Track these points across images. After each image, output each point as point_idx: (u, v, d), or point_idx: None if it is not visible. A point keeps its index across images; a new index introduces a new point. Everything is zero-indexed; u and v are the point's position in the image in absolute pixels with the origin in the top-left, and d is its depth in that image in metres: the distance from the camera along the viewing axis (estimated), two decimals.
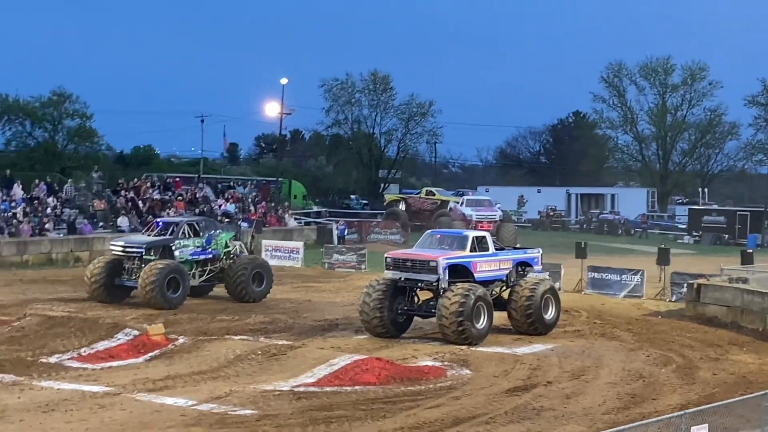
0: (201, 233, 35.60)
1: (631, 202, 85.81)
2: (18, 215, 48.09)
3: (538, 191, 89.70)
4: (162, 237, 35.01)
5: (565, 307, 31.69)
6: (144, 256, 33.92)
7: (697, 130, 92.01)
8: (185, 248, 34.95)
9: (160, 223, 36.51)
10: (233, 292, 35.52)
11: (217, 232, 36.37)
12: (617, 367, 24.64)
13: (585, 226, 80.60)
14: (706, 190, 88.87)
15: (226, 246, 36.11)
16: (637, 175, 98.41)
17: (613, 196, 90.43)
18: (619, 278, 38.22)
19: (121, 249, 34.58)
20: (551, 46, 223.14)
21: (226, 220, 52.61)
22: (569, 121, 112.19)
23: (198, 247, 35.34)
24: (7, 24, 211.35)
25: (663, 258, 38.25)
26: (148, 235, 35.58)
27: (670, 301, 36.30)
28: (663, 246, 40.96)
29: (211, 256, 35.65)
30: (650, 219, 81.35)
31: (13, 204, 49.24)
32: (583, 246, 39.80)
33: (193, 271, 35.12)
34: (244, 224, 50.02)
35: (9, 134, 73.69)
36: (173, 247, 34.66)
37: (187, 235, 35.17)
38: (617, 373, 24.03)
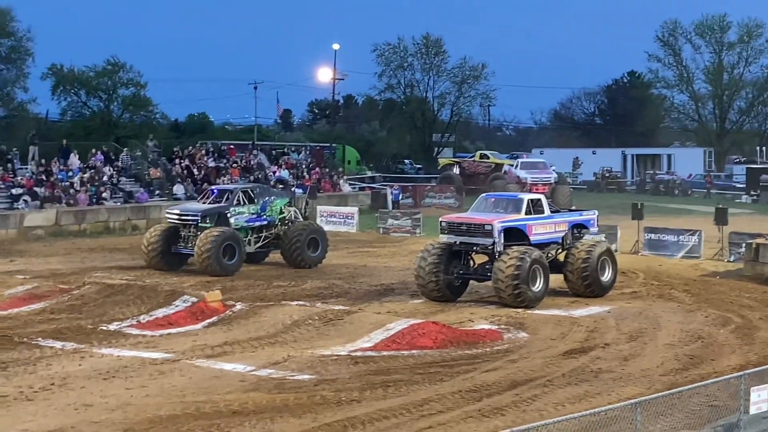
0: (256, 200, 35.74)
1: (688, 162, 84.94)
2: (75, 185, 48.63)
3: (594, 153, 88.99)
4: (217, 204, 35.18)
5: (621, 269, 31.50)
6: (200, 224, 34.11)
7: (754, 87, 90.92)
8: (240, 215, 35.12)
9: (215, 191, 36.72)
10: (289, 258, 35.65)
11: (272, 198, 36.51)
12: (675, 329, 24.46)
13: (641, 187, 79.93)
14: (764, 148, 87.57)
15: (281, 212, 36.23)
16: (693, 134, 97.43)
17: (669, 156, 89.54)
18: (676, 239, 37.89)
19: (176, 217, 34.80)
20: (605, 5, 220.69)
21: (281, 186, 52.85)
22: (624, 82, 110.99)
23: (253, 213, 35.49)
24: None
25: (721, 218, 37.84)
26: (203, 203, 35.83)
27: (728, 261, 35.91)
28: (720, 205, 40.53)
29: (266, 222, 35.80)
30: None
31: (70, 174, 49.80)
32: (639, 207, 39.43)
33: (249, 237, 35.29)
34: (299, 190, 50.21)
35: (64, 104, 74.51)
36: (228, 215, 34.84)
37: (242, 203, 35.33)
38: (675, 334, 23.85)
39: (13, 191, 46.37)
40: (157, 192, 52.33)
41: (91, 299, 27.17)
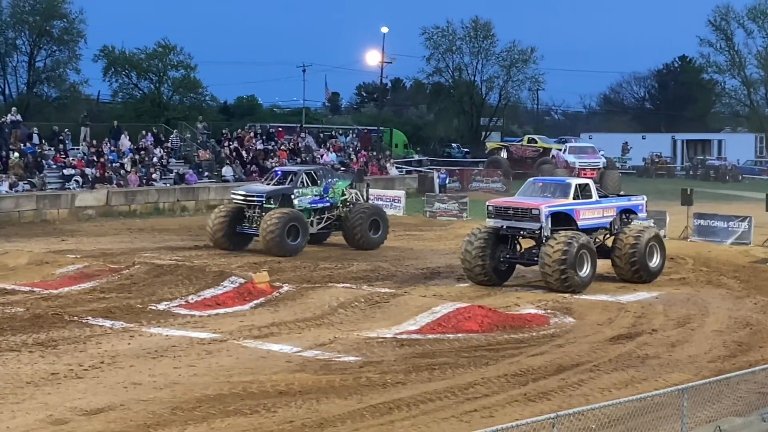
0: (319, 182, 36.31)
1: (739, 147, 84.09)
2: (126, 166, 49.05)
3: (643, 137, 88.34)
4: (281, 186, 35.74)
5: (670, 255, 31.31)
6: (264, 205, 34.66)
7: None
8: (304, 197, 35.70)
9: (279, 173, 37.39)
10: (351, 239, 36.14)
11: (334, 180, 37.07)
12: (723, 315, 24.30)
13: (691, 172, 79.29)
14: None
15: (343, 194, 36.79)
16: (744, 120, 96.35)
17: (720, 141, 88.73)
18: (726, 225, 37.55)
19: (242, 198, 35.42)
20: None
21: (342, 169, 53.27)
22: (675, 66, 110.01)
23: (316, 195, 36.06)
24: None
25: None
26: (268, 184, 36.31)
27: None
28: None
29: (328, 204, 36.35)
30: (759, 164, 79.66)
31: (121, 155, 50.20)
32: (689, 193, 39.13)
33: (311, 219, 35.81)
34: None
35: (115, 86, 74.97)
36: (292, 196, 35.34)
37: (305, 184, 35.94)
38: (723, 320, 23.69)
39: (65, 171, 46.88)
40: (206, 174, 52.67)
41: (141, 279, 27.42)
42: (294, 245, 33.88)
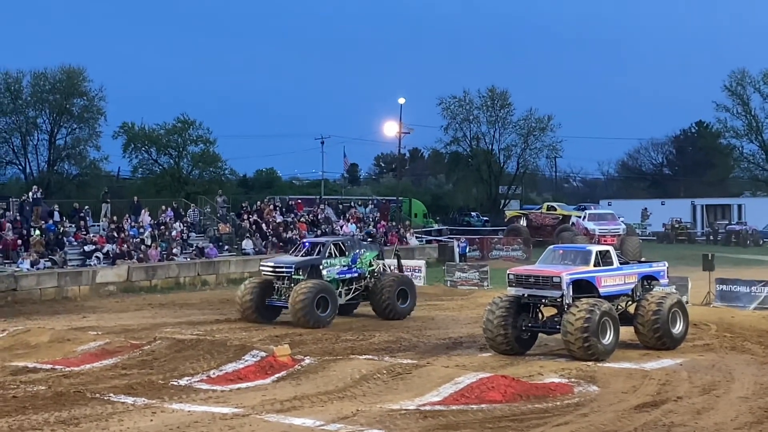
0: (347, 252, 36.42)
1: (759, 211, 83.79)
2: (146, 241, 49.23)
3: (662, 203, 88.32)
4: (310, 257, 35.85)
5: (693, 321, 31.11)
6: (293, 276, 34.81)
7: None
8: (332, 267, 35.81)
9: (307, 244, 37.52)
10: (379, 309, 36.25)
11: (362, 251, 37.18)
12: (749, 381, 24.07)
13: (711, 237, 79.03)
14: None
15: (371, 264, 36.96)
16: (764, 184, 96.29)
17: (739, 206, 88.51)
18: (748, 290, 37.34)
19: (271, 269, 35.54)
20: (672, 55, 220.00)
21: (369, 239, 53.50)
22: (692, 131, 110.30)
23: (344, 266, 36.17)
24: (131, 54, 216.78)
25: None
26: (296, 256, 36.46)
27: None
28: None
29: (356, 274, 36.49)
30: None
31: (141, 230, 50.43)
32: (710, 258, 38.98)
33: (340, 289, 35.86)
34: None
35: (136, 161, 75.69)
36: (321, 267, 35.46)
37: (333, 255, 36.03)
38: (749, 387, 23.47)
39: (86, 248, 47.09)
40: (226, 247, 52.82)
41: (162, 354, 27.38)
42: (323, 316, 33.92)
